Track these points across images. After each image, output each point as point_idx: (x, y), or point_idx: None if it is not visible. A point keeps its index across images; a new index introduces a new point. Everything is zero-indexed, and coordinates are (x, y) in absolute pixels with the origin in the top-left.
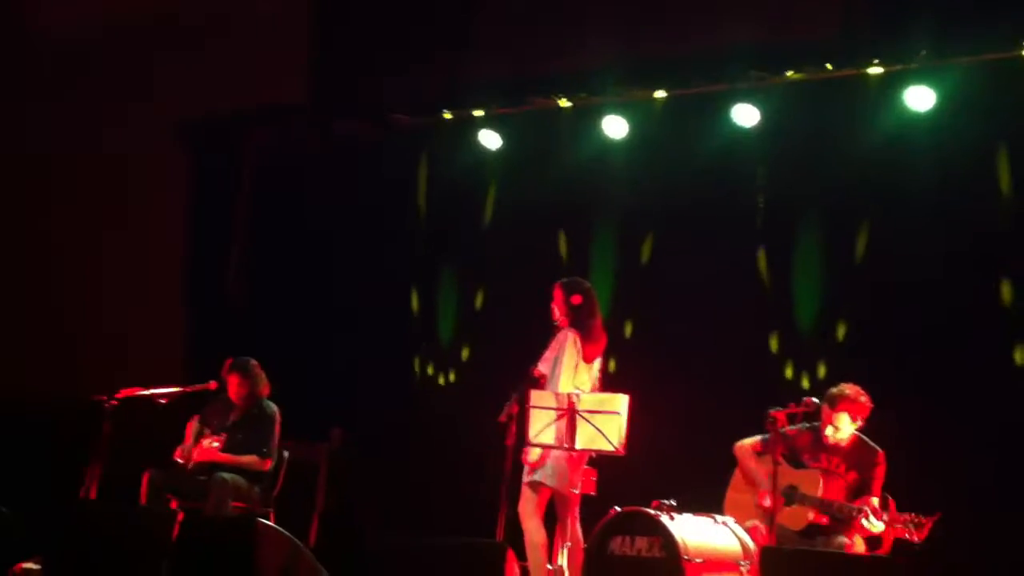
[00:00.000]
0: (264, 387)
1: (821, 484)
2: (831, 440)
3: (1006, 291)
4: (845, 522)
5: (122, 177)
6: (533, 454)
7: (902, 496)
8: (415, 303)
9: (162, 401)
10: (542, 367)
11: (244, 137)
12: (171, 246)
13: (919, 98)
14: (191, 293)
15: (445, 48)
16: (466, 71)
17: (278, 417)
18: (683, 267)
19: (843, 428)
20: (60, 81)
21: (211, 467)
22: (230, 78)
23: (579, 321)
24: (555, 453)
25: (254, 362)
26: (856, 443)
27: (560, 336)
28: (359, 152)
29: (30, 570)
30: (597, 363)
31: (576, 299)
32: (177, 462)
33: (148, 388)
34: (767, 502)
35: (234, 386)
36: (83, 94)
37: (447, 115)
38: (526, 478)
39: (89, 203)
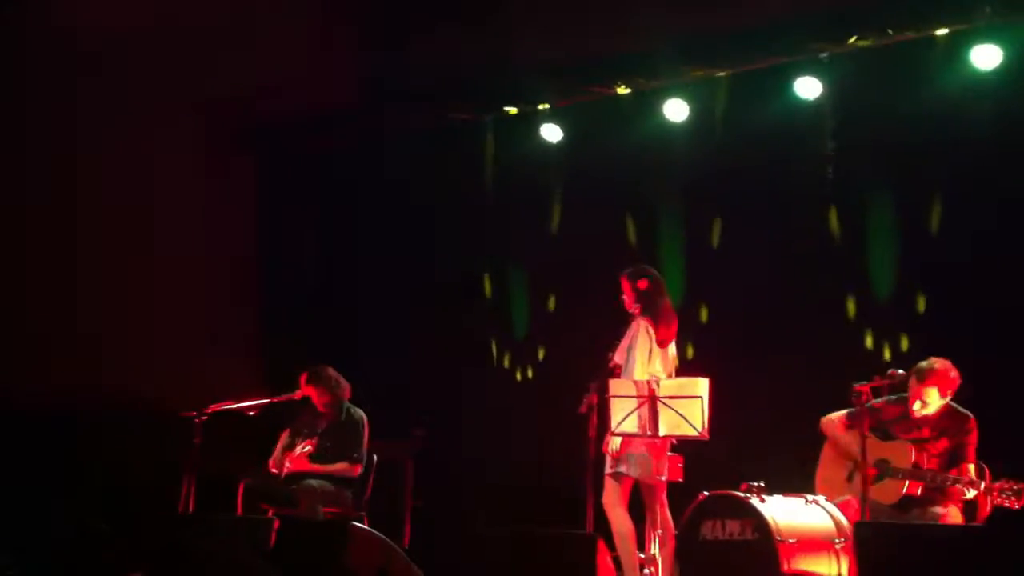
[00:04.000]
0: (345, 391)
1: (912, 455)
2: (918, 414)
3: None
4: (940, 490)
5: (189, 182)
6: (614, 444)
7: (999, 463)
8: (488, 292)
9: (251, 413)
10: (617, 357)
11: (307, 137)
12: (243, 251)
13: (985, 57)
14: (265, 297)
15: (501, 40)
16: (524, 61)
17: (365, 421)
18: (754, 245)
19: (932, 403)
20: (109, 89)
21: (303, 475)
22: (291, 78)
23: (649, 306)
24: (636, 442)
25: (330, 369)
26: (945, 411)
27: (633, 324)
28: (423, 146)
29: None
30: (672, 348)
31: (642, 284)
32: (271, 472)
33: (236, 401)
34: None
35: (315, 396)
36: (134, 98)
37: (508, 110)
38: (608, 469)
39: (155, 207)
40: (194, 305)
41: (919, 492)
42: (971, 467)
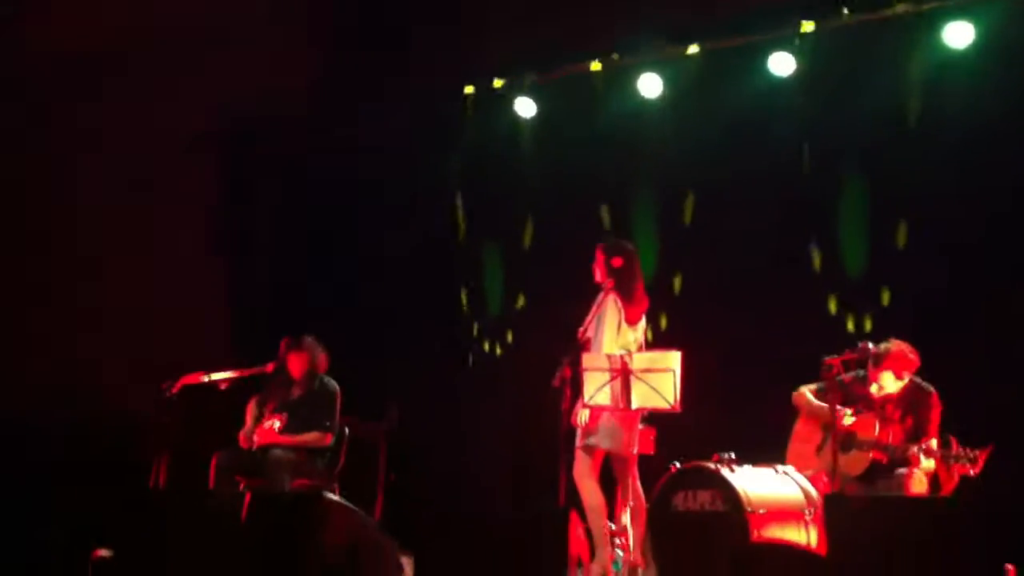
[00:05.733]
0: (323, 362)
1: (877, 428)
2: (877, 395)
3: None
4: (903, 462)
5: (148, 189)
6: (583, 416)
7: (965, 437)
8: (463, 269)
9: (222, 386)
10: (589, 331)
11: (268, 131)
12: (216, 227)
13: (958, 34)
14: (234, 288)
15: (473, 18)
16: (498, 40)
17: (338, 393)
18: (726, 221)
19: (887, 386)
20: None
21: (273, 446)
22: (248, 72)
23: (620, 283)
24: (607, 415)
25: (311, 337)
26: (909, 387)
27: (602, 298)
28: (394, 120)
29: (105, 557)
30: (642, 324)
31: (616, 261)
32: (242, 445)
33: (208, 374)
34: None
35: (297, 361)
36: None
37: (477, 87)
38: (579, 442)
39: (115, 216)
40: (161, 287)
41: (884, 462)
42: (933, 442)
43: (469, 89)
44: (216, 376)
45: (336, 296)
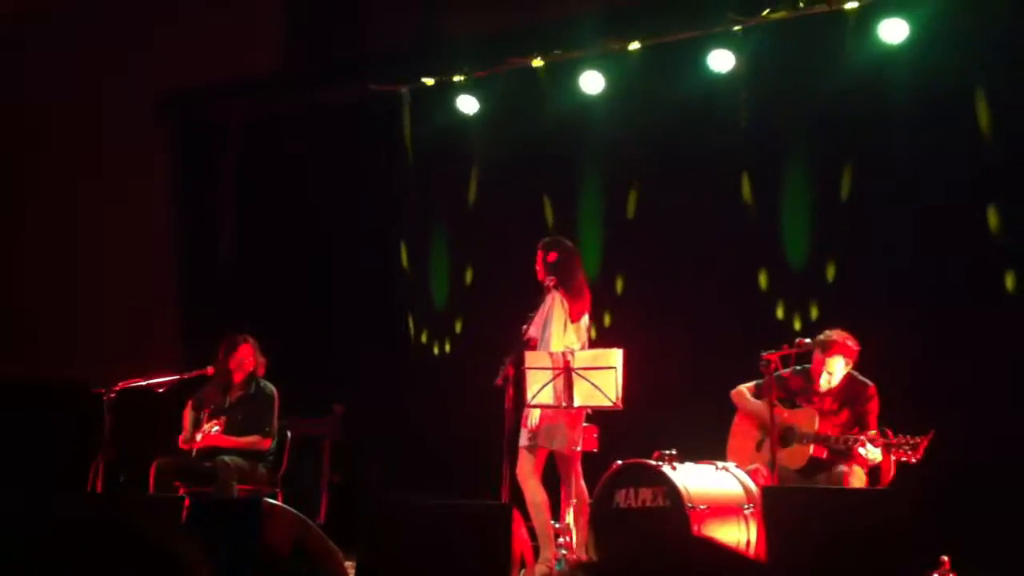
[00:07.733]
0: (262, 365)
1: (817, 421)
2: (824, 388)
3: (992, 219)
4: (843, 454)
5: (103, 154)
6: (532, 418)
7: (901, 428)
8: (405, 263)
9: (160, 390)
10: (532, 331)
11: (224, 107)
12: (159, 221)
13: (892, 31)
14: (182, 269)
15: (418, 12)
16: (440, 33)
17: (276, 396)
18: (669, 217)
19: (836, 372)
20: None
21: (215, 451)
22: (207, 48)
23: (561, 279)
24: (550, 414)
25: (251, 338)
26: (847, 380)
27: (547, 298)
28: (340, 118)
29: None
30: (585, 320)
31: (552, 256)
32: (183, 449)
33: (146, 377)
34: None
35: (246, 355)
36: (59, 68)
37: (425, 81)
38: (524, 442)
39: (70, 180)
40: (110, 281)
41: (824, 456)
42: (872, 433)
43: (429, 81)
44: (154, 379)
45: (278, 293)
